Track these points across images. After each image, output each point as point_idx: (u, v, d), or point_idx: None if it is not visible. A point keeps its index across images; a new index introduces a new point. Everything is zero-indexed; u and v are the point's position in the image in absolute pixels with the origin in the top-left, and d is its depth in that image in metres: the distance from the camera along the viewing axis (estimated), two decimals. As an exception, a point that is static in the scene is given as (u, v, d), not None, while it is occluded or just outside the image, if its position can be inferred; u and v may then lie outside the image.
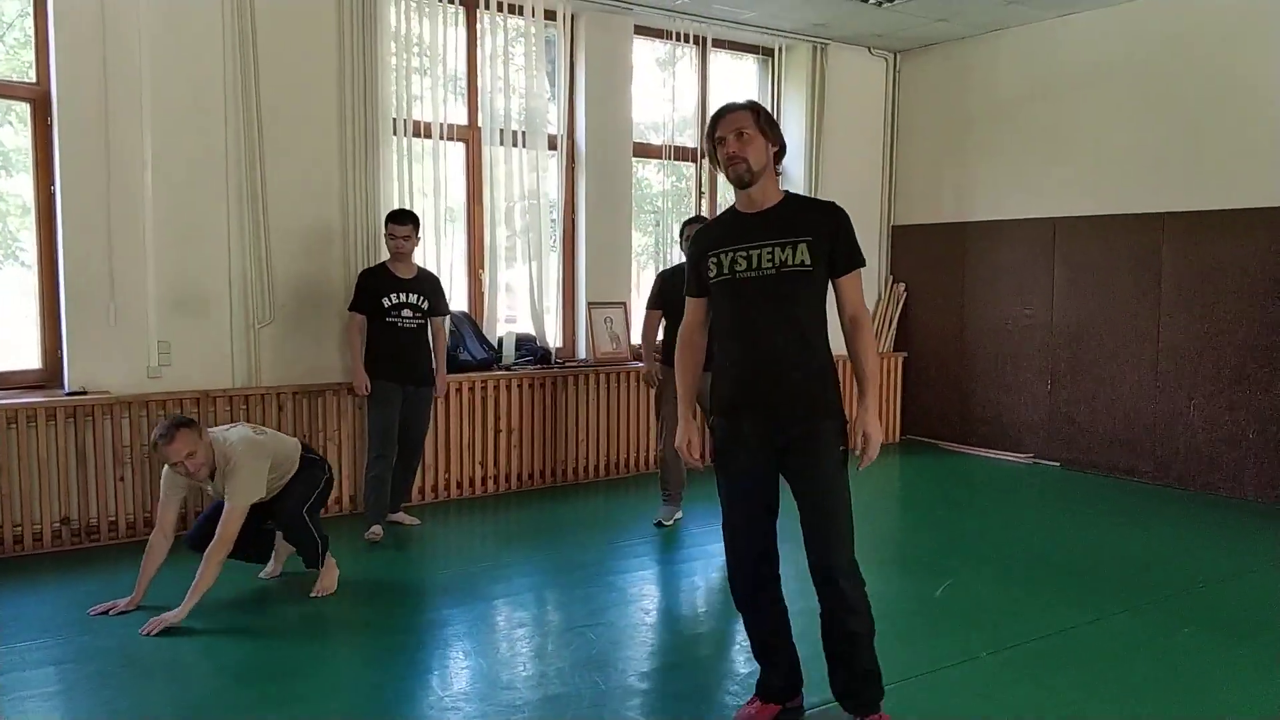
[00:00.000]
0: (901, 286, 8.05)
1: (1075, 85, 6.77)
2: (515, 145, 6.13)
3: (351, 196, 5.51)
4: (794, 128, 7.50)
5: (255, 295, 5.28)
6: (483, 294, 6.17)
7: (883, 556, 4.80)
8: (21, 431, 4.61)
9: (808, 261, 2.69)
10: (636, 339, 6.19)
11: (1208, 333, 6.15)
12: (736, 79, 7.60)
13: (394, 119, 5.66)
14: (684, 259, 5.30)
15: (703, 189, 7.12)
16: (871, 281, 8.03)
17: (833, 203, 2.81)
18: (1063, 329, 6.96)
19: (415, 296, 5.05)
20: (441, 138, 5.85)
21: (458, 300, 6.15)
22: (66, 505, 4.76)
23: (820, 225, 2.73)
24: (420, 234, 5.17)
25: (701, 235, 2.91)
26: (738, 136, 2.70)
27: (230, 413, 5.15)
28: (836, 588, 2.76)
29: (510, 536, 5.40)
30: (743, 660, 3.49)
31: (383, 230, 5.19)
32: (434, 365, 5.21)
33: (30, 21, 4.84)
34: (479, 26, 6.01)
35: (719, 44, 7.07)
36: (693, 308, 2.97)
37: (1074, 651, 3.62)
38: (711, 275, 2.82)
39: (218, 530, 3.75)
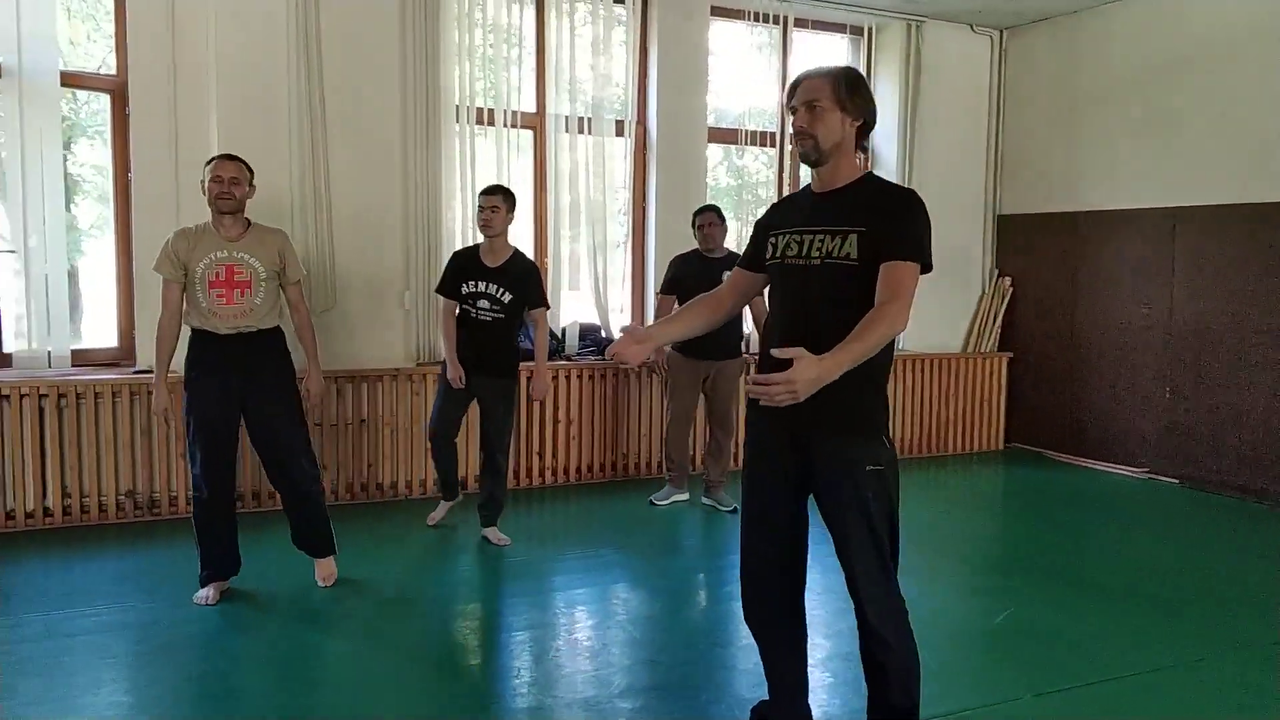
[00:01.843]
0: (1007, 281, 7.51)
1: (1200, 61, 6.12)
2: (582, 132, 6.04)
3: (412, 184, 5.54)
4: (887, 112, 7.10)
5: (317, 281, 5.38)
6: (548, 283, 6.08)
7: (957, 575, 4.48)
8: (90, 407, 4.84)
9: (854, 256, 2.34)
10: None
11: None
12: (822, 61, 7.26)
13: (457, 106, 5.66)
14: (696, 246, 5.36)
15: (785, 177, 6.82)
16: (975, 275, 7.53)
17: (908, 190, 2.44)
18: (1185, 331, 6.31)
19: (495, 288, 4.57)
20: (506, 125, 5.81)
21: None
22: (132, 479, 4.97)
23: (877, 215, 2.35)
24: (513, 209, 4.63)
25: (773, 210, 2.69)
26: (808, 109, 2.40)
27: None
28: (863, 617, 2.46)
29: (564, 530, 5.31)
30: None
31: (452, 217, 5.16)
32: (512, 361, 4.71)
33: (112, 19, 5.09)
34: (547, 10, 5.94)
35: (802, 24, 6.76)
36: (733, 276, 2.74)
37: (1154, 698, 3.17)
38: (767, 257, 2.57)
39: (302, 313, 4.04)
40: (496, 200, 4.56)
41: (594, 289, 6.18)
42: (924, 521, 5.36)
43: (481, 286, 4.59)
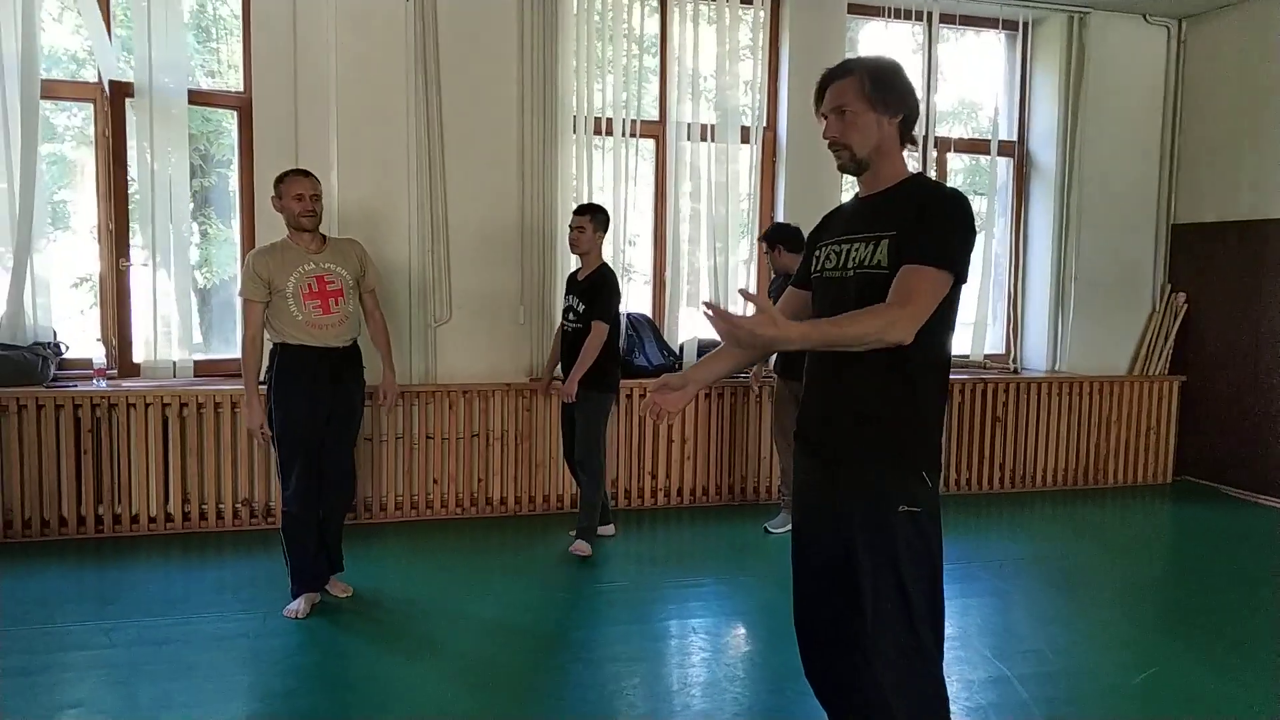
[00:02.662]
0: (1181, 297, 6.76)
1: None
2: (706, 140, 5.79)
3: (528, 196, 5.45)
4: (1044, 113, 6.54)
5: (434, 294, 5.35)
6: (665, 298, 5.88)
7: (1108, 625, 4.01)
8: (211, 416, 4.96)
9: (884, 263, 2.07)
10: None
11: None
12: (975, 58, 6.74)
13: (574, 115, 5.52)
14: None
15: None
16: (1144, 291, 6.82)
17: (949, 190, 2.14)
18: (1394, 354, 5.47)
19: (574, 299, 4.70)
20: (625, 134, 5.64)
21: (639, 303, 5.93)
22: (249, 487, 5.07)
23: (909, 216, 2.06)
24: (603, 227, 4.69)
25: (823, 221, 2.42)
26: (838, 116, 2.16)
27: (403, 407, 5.25)
28: (875, 710, 2.12)
29: (673, 555, 5.07)
30: None
31: (562, 230, 5.12)
32: (593, 373, 4.61)
33: (239, 39, 5.23)
34: (670, 11, 5.73)
35: (949, 19, 6.28)
36: (785, 296, 2.46)
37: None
38: (811, 271, 2.33)
39: (377, 319, 4.13)
40: (583, 220, 4.64)
41: (715, 302, 5.90)
42: (1075, 562, 4.88)
43: (569, 299, 4.75)
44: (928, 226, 2.04)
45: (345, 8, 5.13)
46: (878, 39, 6.46)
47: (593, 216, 4.65)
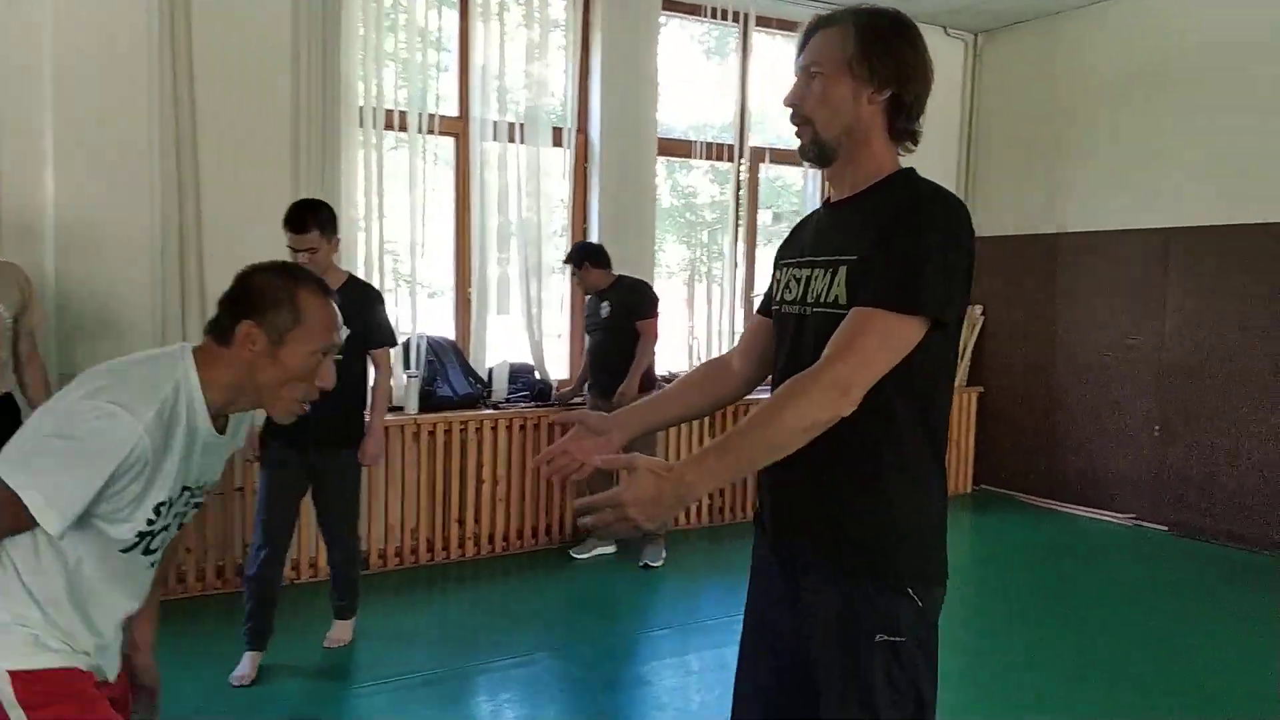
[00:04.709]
0: (978, 310, 6.88)
1: (1195, 68, 5.54)
2: (513, 141, 5.18)
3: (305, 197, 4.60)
4: (852, 122, 6.41)
5: (182, 320, 4.39)
6: (470, 317, 5.21)
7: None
8: None
9: (842, 300, 1.56)
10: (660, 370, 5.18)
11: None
12: (785, 63, 6.53)
13: (361, 107, 4.74)
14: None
15: (741, 196, 6.05)
16: (943, 302, 6.87)
17: (935, 196, 1.58)
18: (1176, 364, 5.73)
19: None
20: (422, 130, 4.92)
21: (441, 325, 5.23)
22: None
23: (875, 232, 1.54)
24: (335, 236, 3.48)
25: (790, 233, 1.88)
26: (806, 77, 1.63)
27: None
28: None
29: (495, 620, 4.41)
30: None
31: (355, 238, 4.31)
32: (362, 419, 3.67)
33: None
34: (472, 14, 5.07)
35: (764, 22, 6.01)
36: (749, 329, 1.94)
37: None
38: (773, 300, 1.81)
39: (38, 368, 3.42)
40: (313, 239, 3.37)
41: (526, 321, 5.32)
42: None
43: None
44: (891, 249, 1.50)
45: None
46: (686, 43, 6.09)
47: (324, 230, 3.40)
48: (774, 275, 1.82)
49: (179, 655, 3.69)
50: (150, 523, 1.58)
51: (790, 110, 1.66)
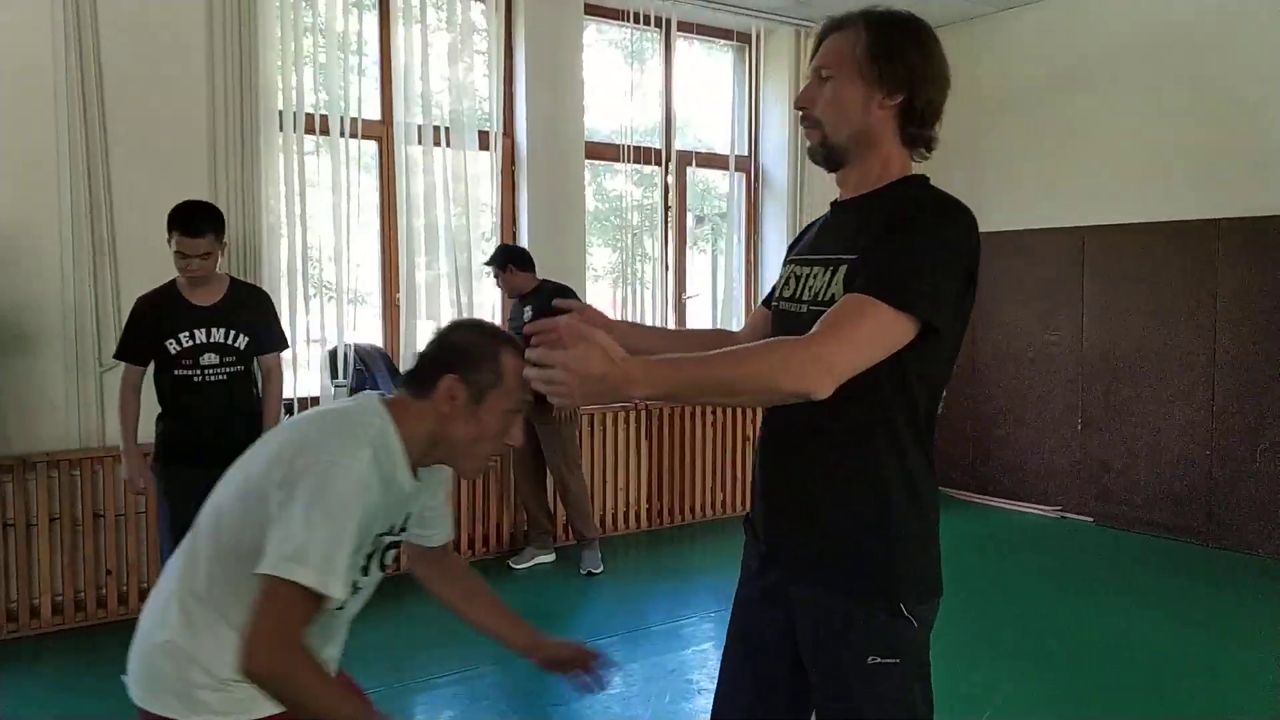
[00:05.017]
0: (903, 309, 6.98)
1: (1111, 71, 5.73)
2: (438, 144, 5.07)
3: (225, 204, 4.41)
4: (776, 128, 6.46)
5: (95, 331, 4.17)
6: (399, 323, 5.07)
7: None
8: None
9: (839, 298, 1.51)
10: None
11: (1277, 362, 5.10)
12: (707, 69, 6.56)
13: (280, 111, 4.57)
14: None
15: (669, 200, 6.04)
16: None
17: (940, 201, 1.58)
18: (1095, 358, 5.90)
19: (224, 332, 3.37)
20: (344, 134, 4.78)
21: (369, 332, 5.08)
22: None
23: (875, 232, 1.52)
24: (224, 240, 3.39)
25: (803, 229, 1.87)
26: (817, 80, 1.61)
27: (58, 478, 4.04)
28: None
29: (439, 630, 4.26)
30: None
31: (275, 245, 4.12)
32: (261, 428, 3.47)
33: None
34: (393, 19, 4.96)
35: (685, 28, 6.02)
36: (752, 317, 1.94)
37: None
38: (774, 296, 1.79)
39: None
40: (207, 243, 3.25)
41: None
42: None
43: (202, 335, 3.34)
44: (888, 246, 1.48)
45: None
46: (610, 48, 6.06)
47: (219, 235, 3.30)
48: (781, 271, 1.79)
49: (97, 683, 3.49)
50: (364, 571, 1.59)
51: (800, 113, 1.64)
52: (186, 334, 3.32)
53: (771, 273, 6.54)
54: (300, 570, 1.38)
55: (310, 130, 4.68)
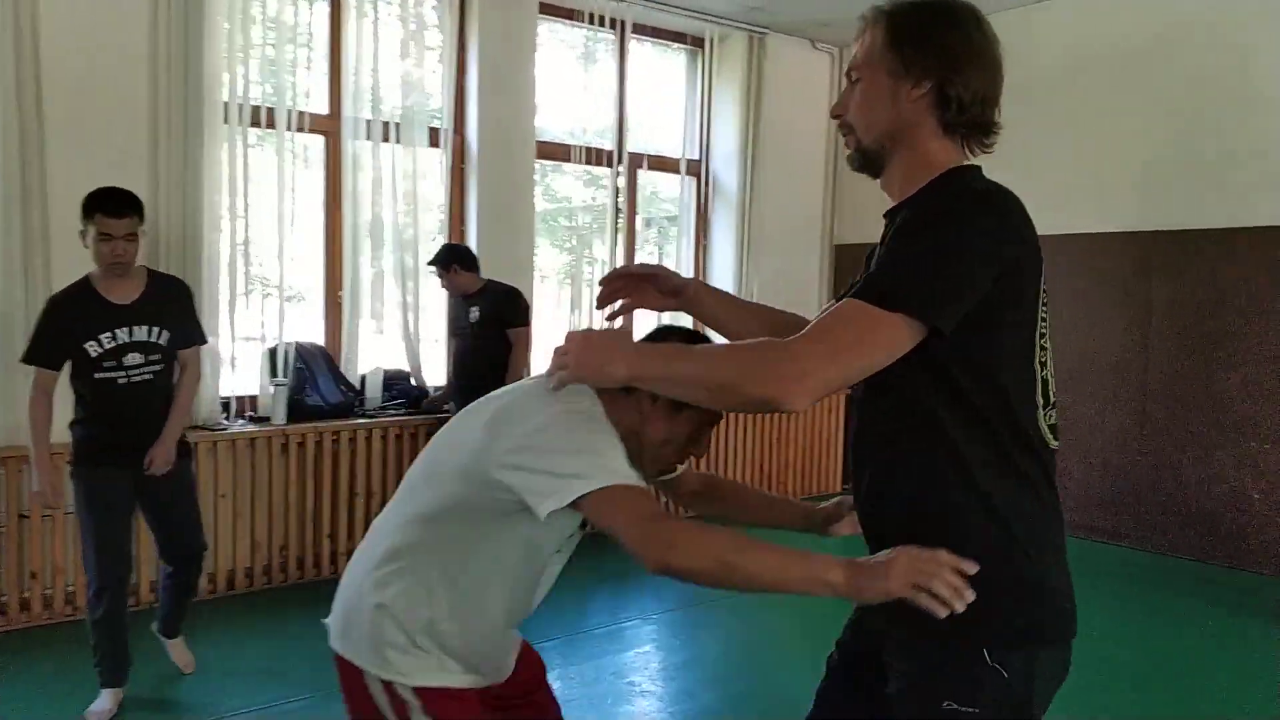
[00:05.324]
0: (848, 316, 7.06)
1: (1048, 85, 5.85)
2: (387, 140, 5.01)
3: (165, 197, 4.33)
4: (728, 132, 6.49)
5: (24, 326, 4.03)
6: (341, 322, 5.00)
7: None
8: None
9: None
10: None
11: (1207, 372, 5.26)
12: (661, 72, 6.57)
13: (225, 103, 4.48)
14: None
15: (620, 203, 6.04)
16: (813, 309, 7.02)
17: (959, 196, 1.41)
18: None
19: (148, 330, 3.19)
20: (291, 128, 4.70)
21: (310, 330, 5.01)
22: None
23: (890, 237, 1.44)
24: (144, 228, 3.20)
25: None
26: (849, 84, 1.52)
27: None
28: None
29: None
30: None
31: (216, 239, 4.01)
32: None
33: None
34: (344, 11, 4.89)
35: (641, 30, 6.03)
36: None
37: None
38: None
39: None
40: (130, 223, 3.10)
41: (401, 326, 5.15)
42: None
43: (122, 335, 3.14)
44: (893, 246, 1.38)
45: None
46: (564, 48, 6.04)
47: (142, 218, 3.16)
48: None
49: (31, 688, 3.41)
50: (583, 526, 1.63)
51: (837, 122, 1.55)
52: (108, 334, 3.13)
53: (721, 277, 6.57)
54: (606, 475, 1.42)
55: (255, 123, 4.60)
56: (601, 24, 5.78)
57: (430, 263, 4.72)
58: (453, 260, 4.65)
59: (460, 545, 1.58)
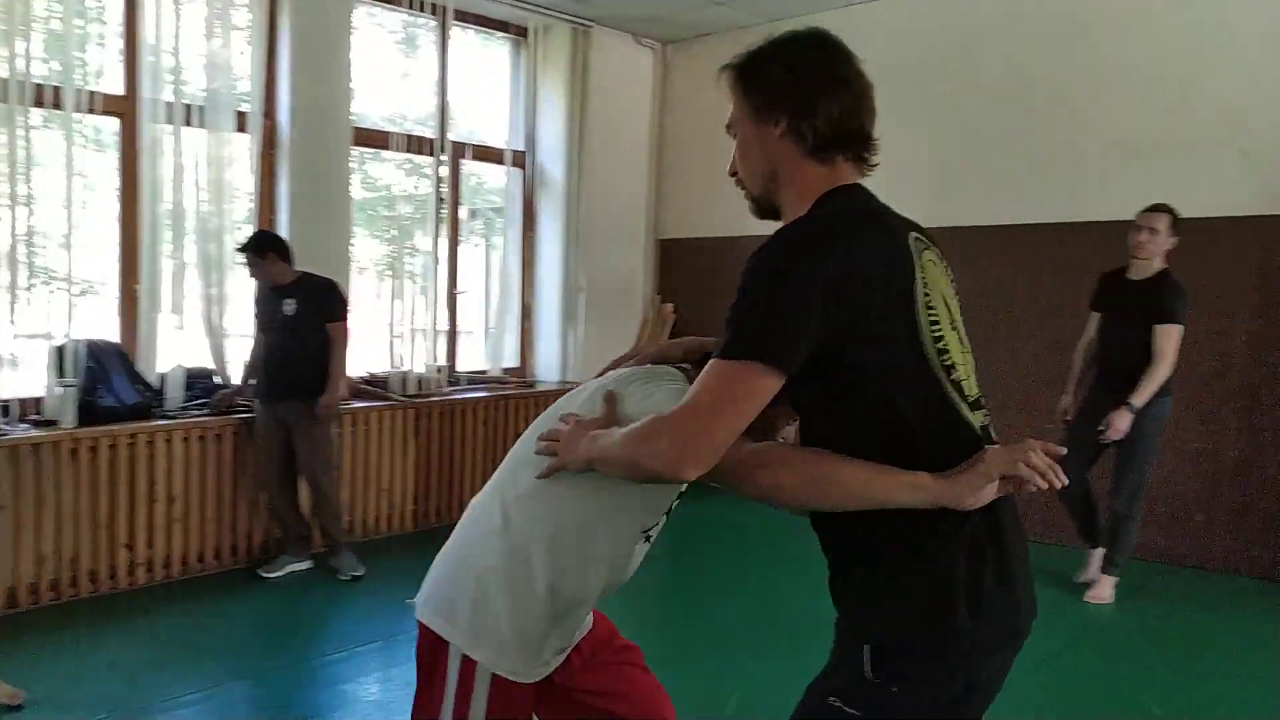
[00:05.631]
0: (669, 308, 7.22)
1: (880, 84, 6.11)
2: (189, 124, 4.73)
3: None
4: (553, 125, 6.48)
5: None
6: (137, 316, 4.69)
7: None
8: None
9: None
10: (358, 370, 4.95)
11: (987, 362, 5.66)
12: (484, 61, 6.48)
13: (5, 79, 4.11)
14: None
15: (442, 192, 5.93)
16: (638, 301, 7.15)
17: (786, 228, 1.45)
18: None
19: None
20: (81, 109, 4.36)
21: (104, 326, 4.69)
22: None
23: None
24: None
25: None
26: (731, 135, 1.58)
27: None
28: None
29: (182, 647, 3.98)
30: None
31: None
32: None
33: None
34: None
35: (463, 17, 5.92)
36: None
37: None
38: None
39: None
40: None
41: (205, 321, 4.88)
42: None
43: None
44: (737, 293, 1.39)
45: None
46: (383, 34, 5.86)
47: None
48: None
49: None
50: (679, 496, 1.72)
51: (734, 179, 1.60)
52: None
53: (547, 270, 6.56)
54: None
55: (39, 103, 4.24)
56: (422, 9, 5.64)
57: (241, 249, 4.46)
58: (267, 247, 4.42)
59: (572, 521, 1.61)
